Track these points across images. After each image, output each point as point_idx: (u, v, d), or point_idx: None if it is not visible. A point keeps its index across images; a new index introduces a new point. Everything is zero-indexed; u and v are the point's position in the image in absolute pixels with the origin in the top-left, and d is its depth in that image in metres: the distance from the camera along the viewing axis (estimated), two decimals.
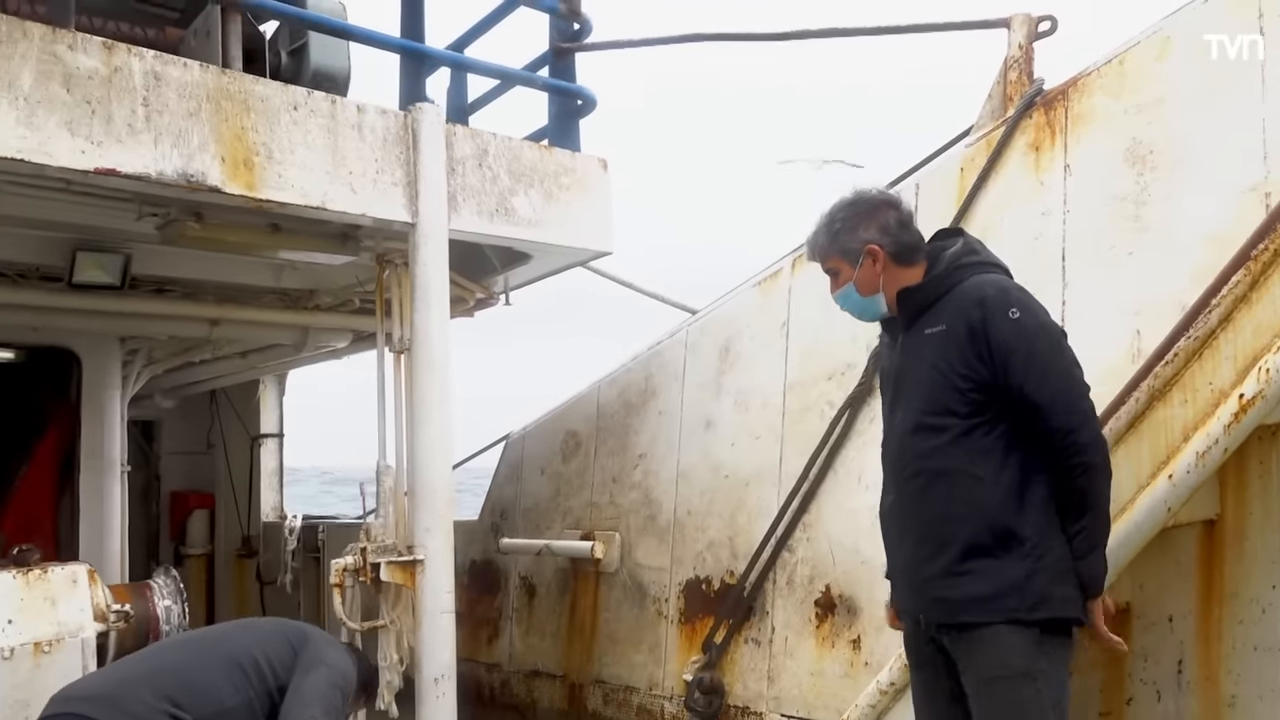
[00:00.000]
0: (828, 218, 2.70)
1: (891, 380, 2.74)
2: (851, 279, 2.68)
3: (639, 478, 5.25)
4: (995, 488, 2.45)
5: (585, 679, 5.29)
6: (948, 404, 2.49)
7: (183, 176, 3.47)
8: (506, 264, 5.06)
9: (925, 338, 2.57)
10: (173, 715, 2.62)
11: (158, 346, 6.39)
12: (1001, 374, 2.45)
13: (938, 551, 2.50)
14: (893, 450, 2.67)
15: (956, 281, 2.59)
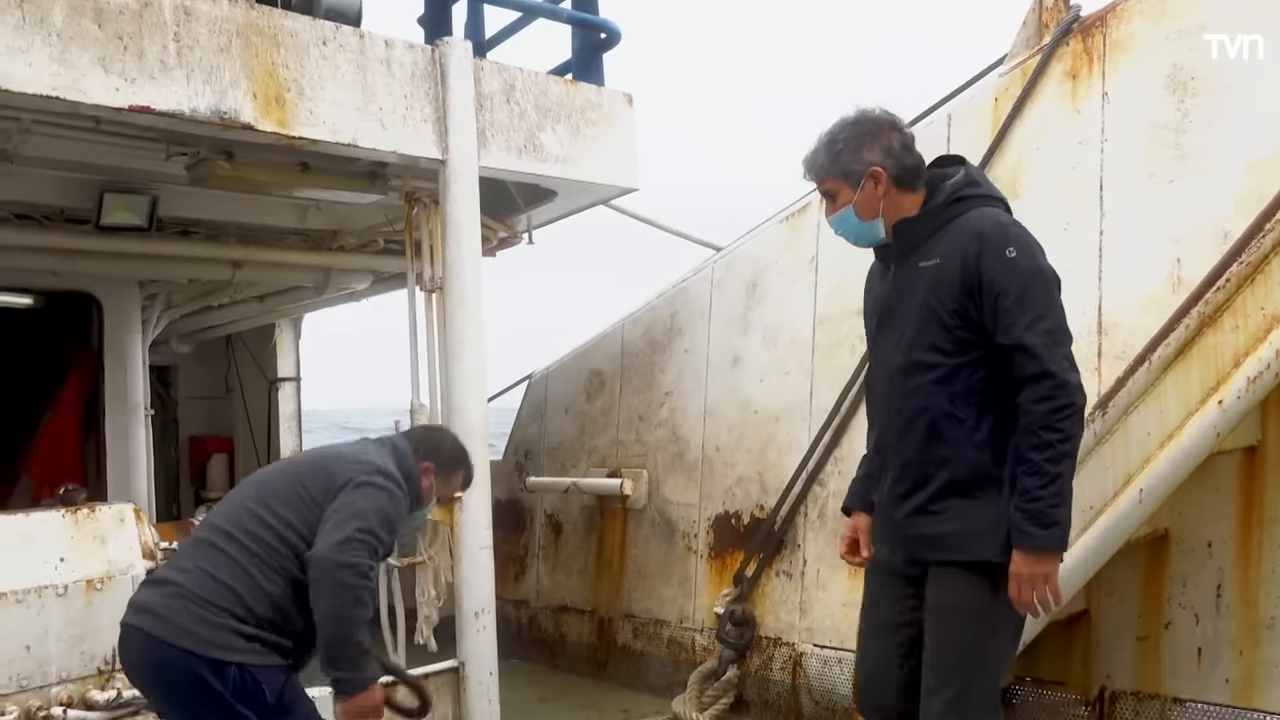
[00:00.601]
0: (828, 136, 2.54)
1: (878, 310, 2.64)
2: (851, 202, 2.53)
3: (665, 415, 5.27)
4: (975, 432, 2.40)
5: (614, 613, 5.36)
6: (935, 341, 2.42)
7: (216, 114, 3.43)
8: (530, 202, 5.02)
9: (918, 271, 2.49)
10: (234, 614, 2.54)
11: (177, 290, 6.37)
12: (990, 313, 2.36)
13: (914, 489, 2.47)
14: (879, 384, 2.62)
15: (955, 214, 2.49)
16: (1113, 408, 2.93)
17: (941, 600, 2.44)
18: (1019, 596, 2.33)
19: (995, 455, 2.39)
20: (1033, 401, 2.32)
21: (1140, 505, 2.88)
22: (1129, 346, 3.43)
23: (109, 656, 3.28)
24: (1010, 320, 2.35)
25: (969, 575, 2.39)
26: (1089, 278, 3.66)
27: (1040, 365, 2.32)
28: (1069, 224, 3.77)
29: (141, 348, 6.35)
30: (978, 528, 2.38)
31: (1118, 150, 3.69)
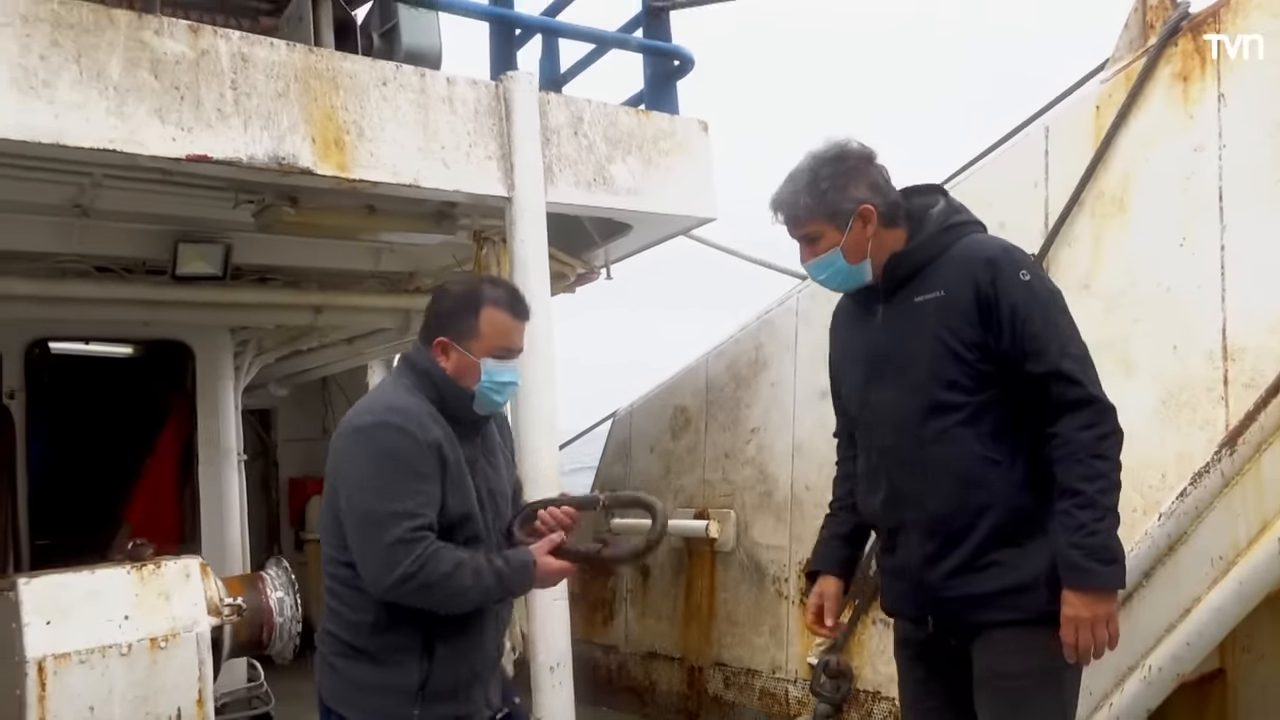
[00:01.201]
0: (809, 174, 2.31)
1: (864, 356, 2.39)
2: (838, 244, 2.30)
3: (753, 453, 5.04)
4: (1011, 472, 2.18)
5: (705, 661, 5.13)
6: (955, 379, 2.20)
7: (274, 159, 3.38)
8: (606, 236, 4.88)
9: (916, 306, 2.27)
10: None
11: (266, 336, 6.43)
12: (1013, 341, 2.16)
13: (950, 546, 2.21)
14: (882, 437, 2.34)
15: (949, 243, 2.29)
16: (1243, 445, 2.60)
17: (1003, 667, 2.18)
18: (1077, 642, 2.08)
19: (1035, 496, 2.17)
20: (1077, 429, 2.11)
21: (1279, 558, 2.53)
22: (1258, 372, 3.08)
23: (173, 716, 3.21)
24: (1040, 346, 2.15)
25: (1029, 633, 2.14)
26: (1210, 297, 3.31)
27: (1082, 390, 2.13)
28: (1185, 239, 3.42)
29: (234, 393, 6.42)
30: (1033, 578, 2.14)
31: (1238, 156, 3.34)
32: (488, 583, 2.18)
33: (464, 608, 2.24)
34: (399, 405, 2.28)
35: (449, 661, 2.27)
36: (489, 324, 2.32)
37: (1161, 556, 2.71)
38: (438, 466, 2.22)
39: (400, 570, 2.12)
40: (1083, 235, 3.72)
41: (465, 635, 2.30)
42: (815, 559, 2.62)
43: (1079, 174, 3.72)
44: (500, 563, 2.22)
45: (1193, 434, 3.18)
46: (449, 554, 2.16)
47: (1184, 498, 2.67)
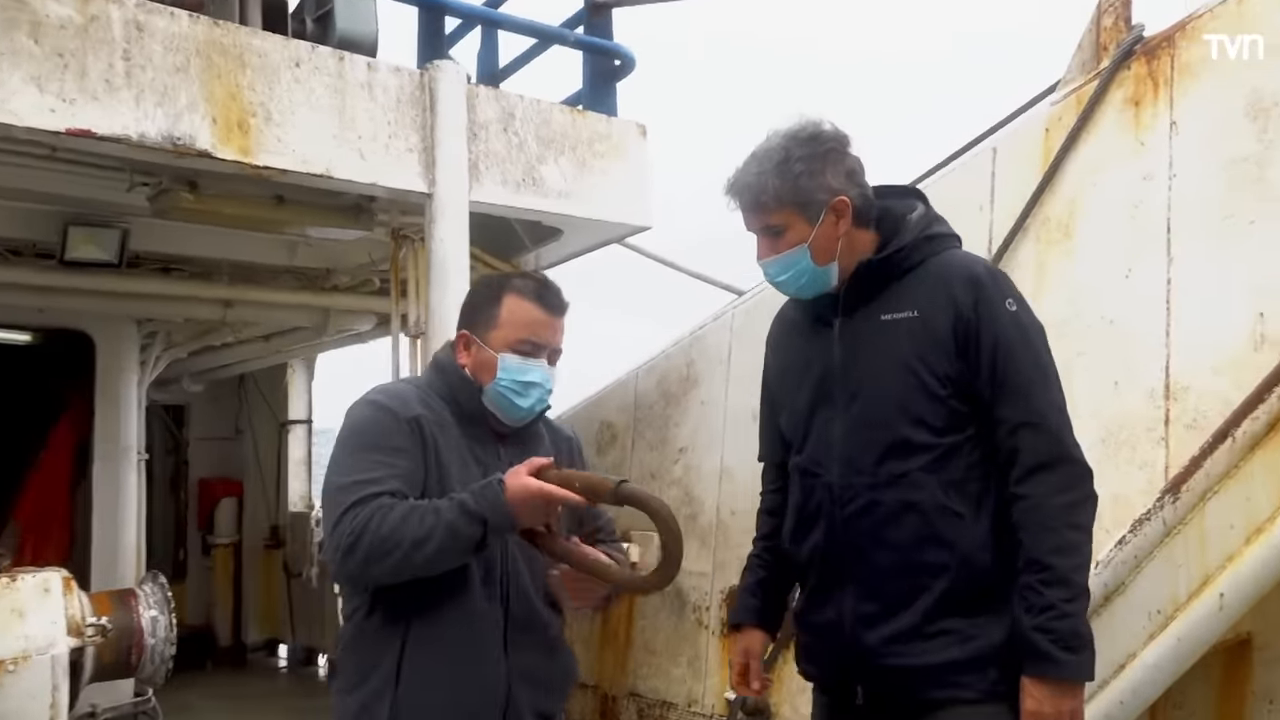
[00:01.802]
0: (780, 154, 1.96)
1: (815, 379, 2.07)
2: (806, 240, 1.97)
3: (679, 473, 4.83)
4: (975, 528, 1.91)
5: (619, 691, 4.90)
6: (922, 416, 1.92)
7: (168, 139, 3.11)
8: (537, 240, 4.66)
9: (882, 325, 1.98)
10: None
11: (176, 329, 6.09)
12: (991, 378, 1.90)
13: (895, 607, 1.93)
14: (831, 473, 2.01)
15: (927, 255, 2.01)
16: (1186, 492, 2.45)
17: None
18: None
19: (998, 558, 1.90)
20: (1050, 493, 1.85)
21: (1221, 613, 2.38)
22: (1201, 413, 2.95)
23: None
24: (1021, 389, 1.89)
25: (976, 715, 1.88)
26: (1154, 332, 3.18)
27: (1061, 448, 1.88)
28: (1131, 270, 3.29)
29: (138, 388, 6.06)
30: (987, 653, 1.88)
31: (1188, 187, 3.22)
32: (448, 518, 1.81)
33: (436, 562, 1.85)
34: (389, 388, 2.09)
35: (421, 694, 1.94)
36: (510, 313, 2.06)
37: (1097, 608, 2.54)
38: (418, 443, 1.95)
39: (346, 536, 1.83)
40: (1026, 262, 3.59)
41: (446, 657, 1.94)
42: (738, 609, 2.30)
43: (1025, 198, 3.58)
44: (465, 494, 1.87)
45: (1131, 474, 3.05)
46: (402, 505, 1.85)
47: (1123, 546, 2.51)
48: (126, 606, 3.31)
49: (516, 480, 1.82)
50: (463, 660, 1.95)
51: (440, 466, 1.97)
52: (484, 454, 2.04)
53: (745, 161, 2.02)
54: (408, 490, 1.91)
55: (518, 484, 1.82)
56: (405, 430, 1.95)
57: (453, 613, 1.95)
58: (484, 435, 2.08)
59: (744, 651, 2.22)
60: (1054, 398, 1.93)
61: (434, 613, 1.94)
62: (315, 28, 4.61)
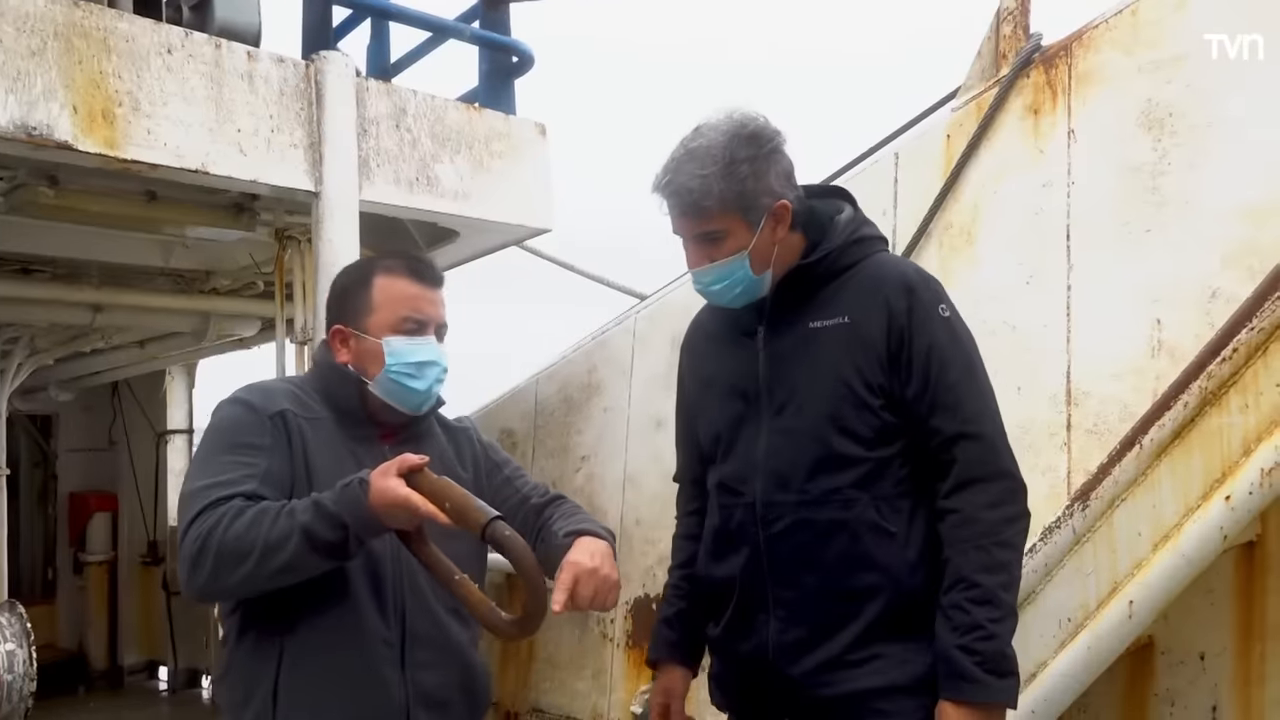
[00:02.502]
0: (724, 155, 1.81)
1: (739, 391, 1.95)
2: (746, 247, 1.85)
3: (581, 482, 4.71)
4: (906, 548, 1.84)
5: (521, 707, 4.75)
6: (854, 428, 1.83)
7: (22, 128, 2.84)
8: (431, 242, 4.47)
9: (811, 333, 1.88)
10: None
11: (40, 334, 5.68)
12: (924, 388, 1.82)
13: (822, 633, 1.83)
14: (755, 490, 1.90)
15: (856, 259, 1.92)
16: (1095, 500, 2.44)
17: None
18: None
19: (929, 579, 1.82)
20: (983, 507, 1.78)
21: (1131, 620, 2.37)
22: (1101, 418, 2.98)
23: None
24: (955, 400, 1.81)
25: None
26: (1055, 339, 3.20)
27: (996, 463, 1.81)
28: (1032, 277, 3.31)
29: None
30: (920, 678, 1.80)
31: (1086, 195, 3.25)
32: (303, 520, 1.64)
33: (293, 570, 1.66)
34: (257, 384, 1.91)
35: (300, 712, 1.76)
36: (383, 293, 1.92)
37: None
38: (282, 440, 1.79)
39: (192, 545, 1.65)
40: (930, 267, 3.52)
41: (329, 682, 1.75)
42: (655, 644, 2.15)
43: (928, 203, 3.57)
44: (325, 494, 1.69)
45: (1034, 480, 3.00)
46: (254, 508, 1.68)
47: (1033, 554, 2.49)
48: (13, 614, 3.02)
49: (382, 481, 1.63)
50: (348, 685, 1.78)
51: (309, 466, 1.80)
52: (367, 455, 1.87)
53: (678, 161, 1.86)
54: (267, 492, 1.73)
55: (382, 486, 1.63)
56: (267, 427, 1.80)
57: (335, 632, 1.78)
58: (367, 435, 1.92)
59: (664, 691, 2.09)
60: (988, 409, 1.87)
61: (312, 632, 1.77)
62: (192, 16, 4.33)
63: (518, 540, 1.58)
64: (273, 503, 1.69)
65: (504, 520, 1.59)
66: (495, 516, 1.59)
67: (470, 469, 2.03)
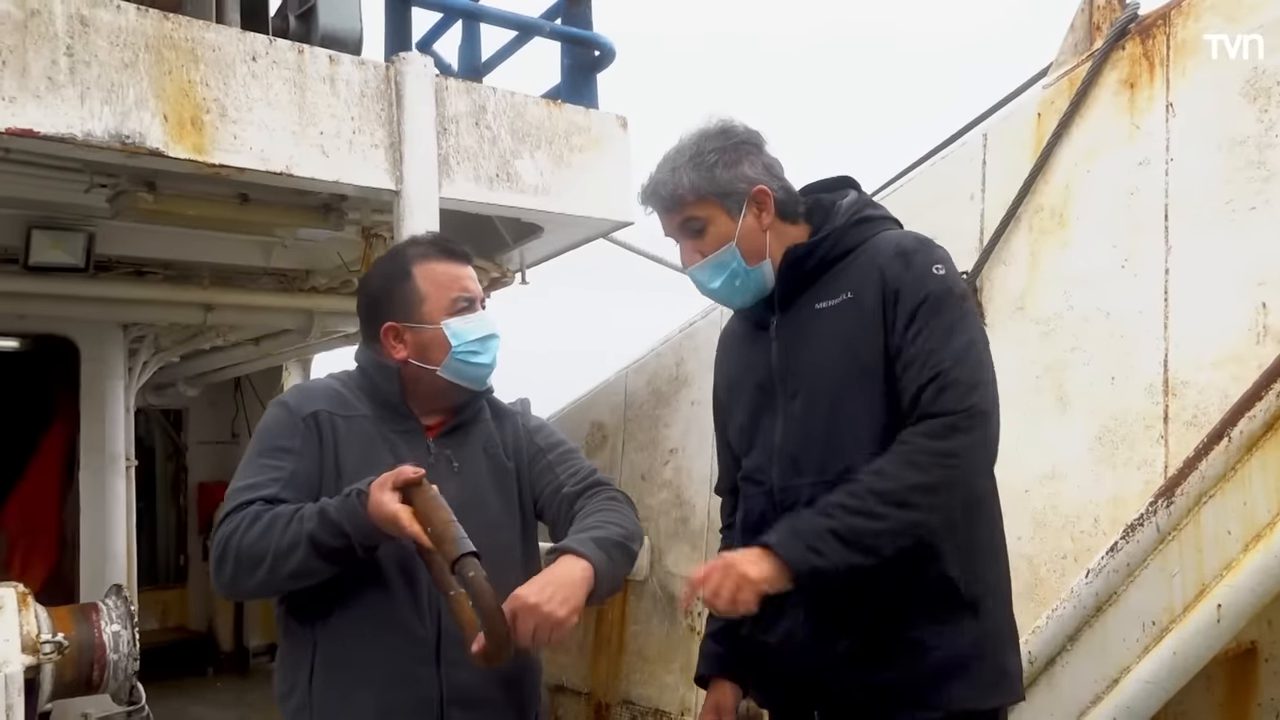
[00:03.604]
0: (693, 148, 1.88)
1: (756, 383, 1.95)
2: (732, 236, 1.86)
3: (669, 475, 4.70)
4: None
5: (612, 698, 4.78)
6: (863, 404, 1.79)
7: (116, 138, 2.99)
8: (518, 238, 4.53)
9: (816, 314, 1.86)
10: None
11: (163, 333, 5.99)
12: (908, 338, 1.76)
13: (851, 621, 1.79)
14: (773, 477, 1.89)
15: (860, 239, 1.90)
16: (1181, 496, 2.30)
17: None
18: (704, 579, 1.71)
19: (958, 556, 1.77)
20: (918, 434, 1.70)
21: (1219, 625, 2.23)
22: (1201, 410, 2.80)
23: None
24: (933, 350, 1.73)
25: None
26: (1152, 326, 3.03)
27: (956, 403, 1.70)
28: (1127, 260, 3.14)
29: (125, 394, 5.95)
30: (955, 663, 1.74)
31: (1186, 172, 3.06)
32: (309, 528, 1.70)
33: (306, 574, 1.74)
34: (303, 385, 2.03)
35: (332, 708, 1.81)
36: (428, 280, 1.95)
37: (1088, 618, 2.41)
38: (313, 441, 1.85)
39: (216, 548, 1.75)
40: (1019, 253, 3.43)
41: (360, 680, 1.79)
42: (702, 659, 2.13)
43: (1017, 186, 3.43)
44: (331, 502, 1.75)
45: (1129, 475, 2.90)
46: (270, 513, 1.75)
47: (1114, 553, 2.36)
48: (88, 622, 3.20)
49: (378, 494, 1.68)
50: (378, 680, 1.80)
51: (339, 465, 1.85)
52: (408, 449, 1.90)
53: (655, 167, 1.93)
54: (290, 494, 1.79)
55: (377, 499, 1.67)
56: (299, 429, 1.85)
57: (366, 625, 1.82)
58: (411, 428, 1.94)
59: (715, 707, 2.07)
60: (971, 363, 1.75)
61: (343, 625, 1.82)
62: (298, 25, 4.50)
63: (481, 582, 1.57)
64: (287, 508, 1.75)
65: (476, 558, 1.59)
66: (467, 553, 1.60)
67: (513, 457, 2.03)
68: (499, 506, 1.98)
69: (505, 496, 1.99)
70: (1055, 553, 2.93)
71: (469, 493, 1.91)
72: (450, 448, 1.95)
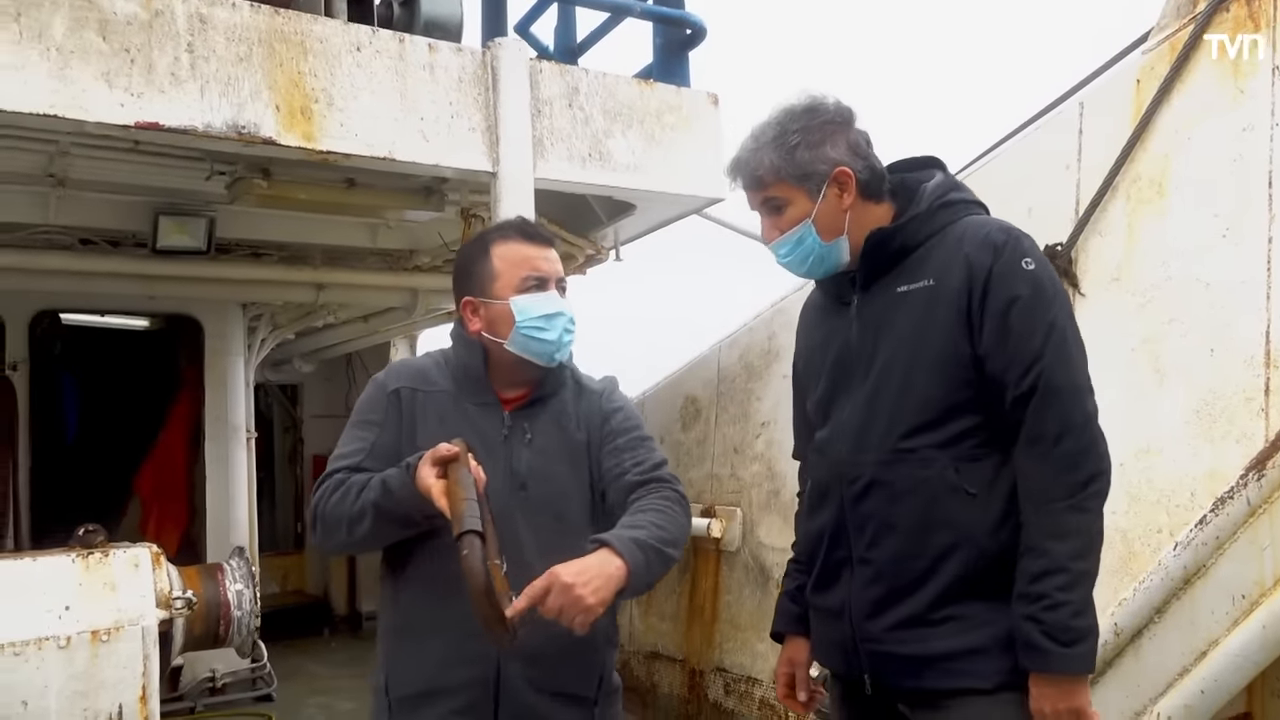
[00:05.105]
0: (776, 128, 1.91)
1: (833, 359, 1.97)
2: (809, 215, 1.89)
3: (761, 448, 4.76)
4: (987, 511, 1.79)
5: (706, 665, 4.88)
6: (936, 389, 1.81)
7: (233, 128, 3.18)
8: (612, 215, 4.62)
9: (898, 298, 1.88)
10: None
11: (279, 312, 6.30)
12: (1000, 342, 1.77)
13: (901, 592, 1.82)
14: (840, 450, 1.93)
15: (945, 222, 1.90)
16: (1273, 469, 2.27)
17: None
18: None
19: (1013, 538, 1.77)
20: (1053, 469, 1.71)
21: None
22: None
23: (113, 714, 3.06)
24: (1032, 354, 1.74)
25: (989, 705, 1.76)
26: (1254, 296, 2.95)
27: (1068, 420, 1.72)
28: (1229, 229, 3.06)
29: (245, 369, 6.30)
30: (999, 639, 1.75)
31: None
32: (373, 496, 1.84)
33: (379, 537, 1.90)
34: (402, 361, 2.17)
35: (406, 657, 1.94)
36: (503, 259, 2.04)
37: (1176, 590, 2.40)
38: (395, 415, 1.98)
39: (310, 513, 1.93)
40: (1116, 223, 3.37)
41: (427, 629, 1.91)
42: (778, 617, 2.17)
43: (1115, 155, 3.36)
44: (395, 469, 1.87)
45: (1227, 448, 2.84)
46: (349, 482, 1.89)
47: (1204, 525, 2.35)
48: (213, 580, 3.46)
49: (422, 469, 1.78)
50: (447, 635, 1.91)
51: (415, 438, 1.95)
52: (484, 421, 2.00)
53: (744, 139, 1.96)
54: (372, 463, 1.93)
55: (419, 473, 1.78)
56: (383, 403, 1.99)
57: (437, 588, 1.91)
58: (490, 402, 2.03)
59: (789, 661, 2.14)
60: (1070, 364, 1.77)
61: (418, 587, 1.95)
62: (402, 13, 4.67)
63: (469, 562, 1.62)
64: (362, 476, 1.89)
65: (478, 538, 1.64)
66: (467, 530, 1.65)
67: (585, 430, 2.09)
68: (569, 477, 2.04)
69: (576, 468, 2.04)
70: (1150, 527, 2.89)
71: (540, 463, 2.00)
72: (525, 420, 2.02)
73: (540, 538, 1.94)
